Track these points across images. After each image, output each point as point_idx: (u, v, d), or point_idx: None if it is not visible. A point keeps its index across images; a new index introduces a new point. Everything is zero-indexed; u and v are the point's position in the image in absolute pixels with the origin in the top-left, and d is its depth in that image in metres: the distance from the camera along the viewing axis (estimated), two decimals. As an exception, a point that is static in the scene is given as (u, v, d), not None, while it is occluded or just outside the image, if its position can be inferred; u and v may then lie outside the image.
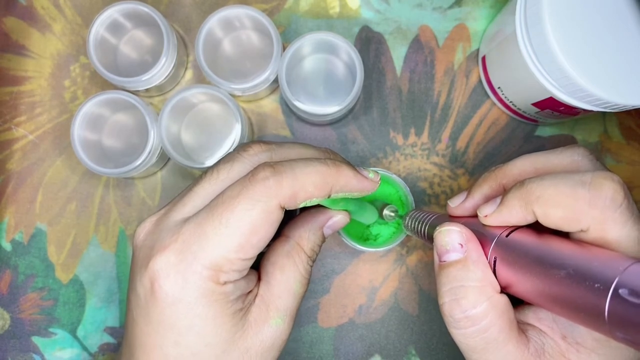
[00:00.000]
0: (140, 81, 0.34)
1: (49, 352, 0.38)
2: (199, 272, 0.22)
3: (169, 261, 0.22)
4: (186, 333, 0.22)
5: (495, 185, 0.26)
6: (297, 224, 0.27)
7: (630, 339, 0.16)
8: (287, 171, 0.22)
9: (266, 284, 0.25)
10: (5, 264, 0.38)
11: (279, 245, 0.26)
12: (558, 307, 0.19)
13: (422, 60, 0.38)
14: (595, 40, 0.27)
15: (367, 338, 0.37)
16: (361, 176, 0.25)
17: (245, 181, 0.22)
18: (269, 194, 0.22)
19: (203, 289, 0.22)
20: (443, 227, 0.24)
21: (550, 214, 0.21)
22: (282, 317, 0.25)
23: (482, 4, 0.38)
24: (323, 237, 0.27)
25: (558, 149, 0.25)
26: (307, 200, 0.23)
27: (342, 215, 0.27)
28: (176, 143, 0.35)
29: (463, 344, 0.22)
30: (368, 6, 0.38)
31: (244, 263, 0.23)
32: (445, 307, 0.22)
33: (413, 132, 0.38)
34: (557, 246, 0.20)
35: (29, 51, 0.39)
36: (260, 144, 0.25)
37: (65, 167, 0.38)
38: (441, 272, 0.23)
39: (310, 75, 0.37)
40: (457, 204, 0.27)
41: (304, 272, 0.26)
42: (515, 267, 0.21)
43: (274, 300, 0.25)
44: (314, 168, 0.23)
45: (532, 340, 0.22)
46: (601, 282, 0.17)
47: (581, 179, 0.20)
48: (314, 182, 0.23)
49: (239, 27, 0.36)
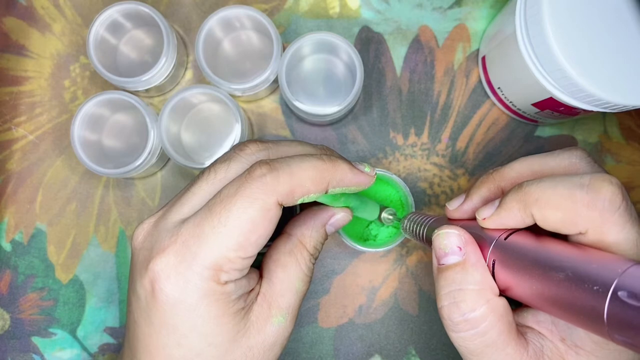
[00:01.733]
0: (140, 81, 0.34)
1: (49, 353, 0.37)
2: (199, 273, 0.22)
3: (169, 262, 0.22)
4: (189, 334, 0.22)
5: (493, 187, 0.26)
6: (299, 221, 0.27)
7: (629, 341, 0.16)
8: (284, 168, 0.22)
9: (268, 282, 0.25)
10: (5, 264, 0.38)
11: (281, 243, 0.26)
12: (557, 310, 0.19)
13: (422, 61, 0.38)
14: (595, 40, 0.27)
15: (367, 338, 0.37)
16: (357, 170, 0.25)
17: (242, 179, 0.22)
18: (267, 191, 0.22)
19: (204, 289, 0.22)
20: (441, 230, 0.24)
21: (548, 217, 0.21)
22: (284, 315, 0.25)
23: (482, 4, 0.38)
24: (325, 235, 0.27)
25: (556, 151, 0.25)
26: (305, 197, 0.23)
27: (344, 213, 0.27)
28: (176, 143, 0.35)
29: (462, 347, 0.22)
30: (368, 6, 0.38)
31: (244, 262, 0.23)
32: (444, 310, 0.22)
33: (413, 132, 0.38)
34: (556, 249, 0.20)
35: (29, 51, 0.39)
36: (257, 143, 0.25)
37: (65, 167, 0.38)
38: (440, 275, 0.23)
39: (310, 76, 0.37)
40: (455, 206, 0.27)
41: (306, 270, 0.26)
42: (514, 269, 0.21)
43: (276, 299, 0.25)
44: (310, 164, 0.23)
45: (531, 343, 0.22)
46: (600, 284, 0.17)
47: (579, 182, 0.20)
48: (311, 177, 0.23)
49: (239, 28, 0.36)
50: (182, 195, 0.25)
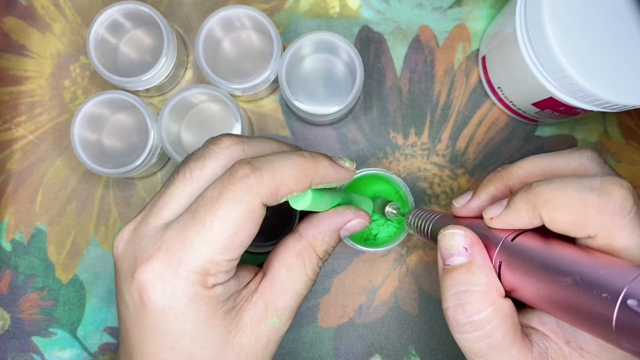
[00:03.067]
0: (140, 81, 0.34)
1: (49, 352, 0.38)
2: (185, 278, 0.22)
3: (154, 270, 0.22)
4: (180, 339, 0.22)
5: (501, 186, 0.25)
6: (312, 222, 0.26)
7: (637, 350, 0.16)
8: (266, 167, 0.22)
9: (269, 281, 0.25)
10: (5, 264, 0.38)
11: (290, 242, 0.25)
12: (563, 314, 0.19)
13: (422, 60, 0.38)
14: (595, 40, 0.27)
15: (367, 338, 0.37)
16: (338, 166, 0.25)
17: (225, 181, 0.22)
18: (251, 192, 0.22)
19: (192, 294, 0.22)
20: (447, 230, 0.23)
21: (557, 219, 0.20)
22: (279, 317, 0.24)
23: (482, 4, 0.38)
24: (339, 240, 0.27)
25: (566, 150, 0.25)
26: (289, 195, 0.23)
27: (361, 220, 0.27)
28: (176, 143, 0.35)
29: (467, 348, 0.22)
30: (368, 6, 0.38)
31: (230, 264, 0.22)
32: (449, 312, 0.22)
33: (413, 132, 0.38)
34: (564, 252, 0.20)
35: (29, 51, 0.39)
36: (230, 137, 0.25)
37: (65, 167, 0.38)
38: (445, 275, 0.23)
39: (310, 75, 0.37)
40: (462, 203, 0.26)
41: (311, 274, 0.25)
42: (521, 272, 0.21)
43: (274, 300, 0.24)
44: (292, 162, 0.23)
45: (535, 345, 0.22)
46: (609, 291, 0.17)
47: (590, 184, 0.20)
48: (294, 176, 0.23)
49: (239, 27, 0.36)
50: (159, 198, 0.24)
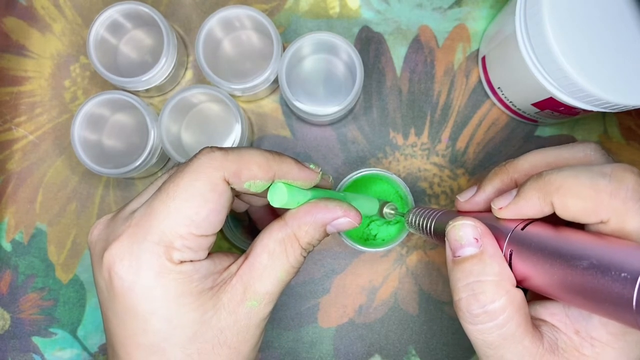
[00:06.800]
0: (140, 81, 0.34)
1: (49, 352, 0.38)
2: (149, 250, 0.22)
3: (122, 246, 0.22)
4: (150, 318, 0.22)
5: (506, 179, 0.26)
6: (299, 212, 0.25)
7: None
8: (233, 150, 0.23)
9: (249, 265, 0.24)
10: (5, 264, 0.38)
11: (275, 229, 0.25)
12: (579, 299, 0.19)
13: (422, 61, 0.38)
14: (595, 41, 0.27)
15: (367, 338, 0.37)
16: (302, 165, 0.25)
17: (192, 158, 0.23)
18: (214, 165, 0.22)
19: (158, 267, 0.22)
20: (456, 222, 0.23)
21: (569, 205, 0.21)
22: (258, 300, 0.24)
23: (482, 4, 0.38)
24: (325, 234, 0.26)
25: (569, 144, 0.25)
26: (251, 182, 0.23)
27: (349, 219, 0.26)
28: (176, 143, 0.35)
29: (479, 340, 0.22)
30: (368, 6, 0.38)
31: (198, 240, 0.22)
32: (462, 303, 0.22)
33: (413, 132, 0.38)
34: (577, 237, 0.20)
35: (29, 51, 0.39)
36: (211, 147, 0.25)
37: (65, 167, 0.38)
38: (456, 267, 0.23)
39: (310, 75, 0.37)
40: (466, 198, 0.26)
41: (294, 263, 0.25)
42: (534, 260, 0.21)
43: (252, 283, 0.24)
44: (259, 151, 0.24)
45: (545, 336, 0.22)
46: (628, 271, 0.17)
47: (601, 171, 0.20)
48: (258, 162, 0.23)
49: (239, 28, 0.36)
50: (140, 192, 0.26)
